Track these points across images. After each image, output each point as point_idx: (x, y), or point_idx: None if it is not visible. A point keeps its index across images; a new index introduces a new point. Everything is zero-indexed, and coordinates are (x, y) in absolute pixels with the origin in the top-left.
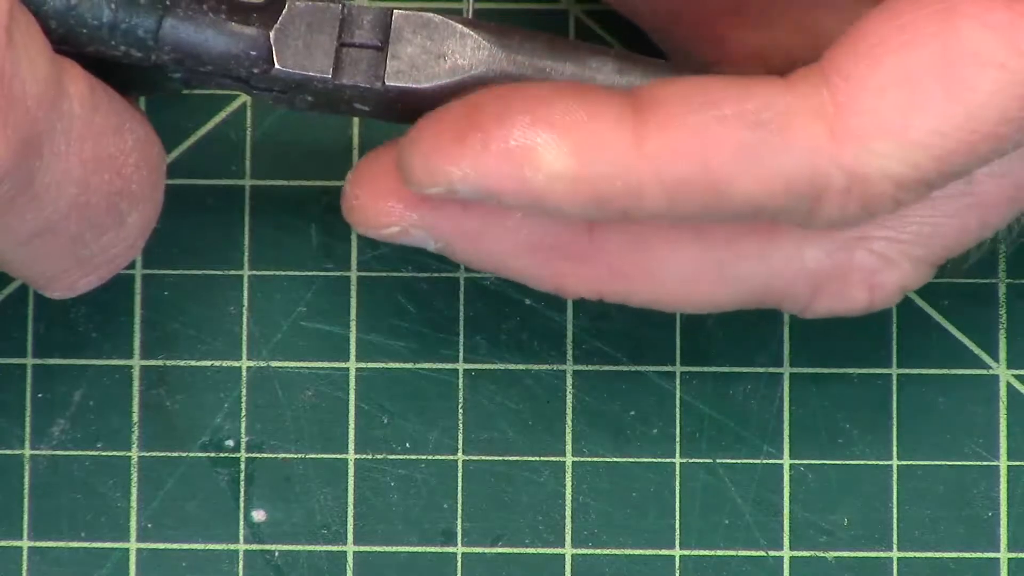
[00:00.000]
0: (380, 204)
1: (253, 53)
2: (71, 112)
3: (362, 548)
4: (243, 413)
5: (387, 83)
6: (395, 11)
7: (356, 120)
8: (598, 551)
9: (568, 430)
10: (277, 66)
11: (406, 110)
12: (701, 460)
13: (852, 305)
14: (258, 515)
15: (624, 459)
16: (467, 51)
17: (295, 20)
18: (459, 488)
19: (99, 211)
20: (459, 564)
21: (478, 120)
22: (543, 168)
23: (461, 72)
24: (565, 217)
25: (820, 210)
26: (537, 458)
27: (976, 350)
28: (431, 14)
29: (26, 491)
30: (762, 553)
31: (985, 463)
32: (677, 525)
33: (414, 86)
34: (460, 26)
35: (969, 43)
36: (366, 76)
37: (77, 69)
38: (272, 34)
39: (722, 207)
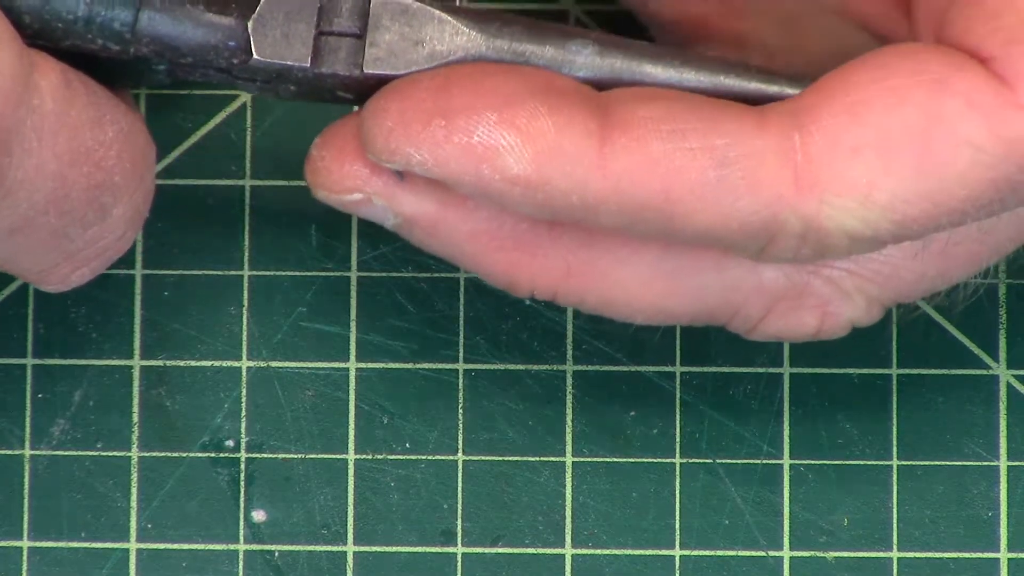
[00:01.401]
0: (344, 168)
1: (232, 43)
2: (42, 107)
3: (362, 548)
4: (243, 413)
5: (366, 70)
6: None
7: None
8: (598, 551)
9: (568, 430)
10: (255, 56)
11: None
12: (701, 460)
13: (801, 330)
14: (258, 515)
15: (624, 459)
16: (445, 37)
17: (273, 9)
18: (459, 488)
19: (79, 204)
20: (459, 564)
21: (445, 106)
22: (501, 171)
23: (440, 58)
24: (518, 212)
25: (772, 249)
26: (537, 458)
27: (976, 350)
28: (410, 1)
29: (26, 491)
30: (762, 553)
31: (985, 463)
32: (677, 525)
33: (393, 73)
34: (439, 12)
35: (952, 120)
36: (345, 64)
37: (50, 63)
38: (250, 24)
39: (675, 234)
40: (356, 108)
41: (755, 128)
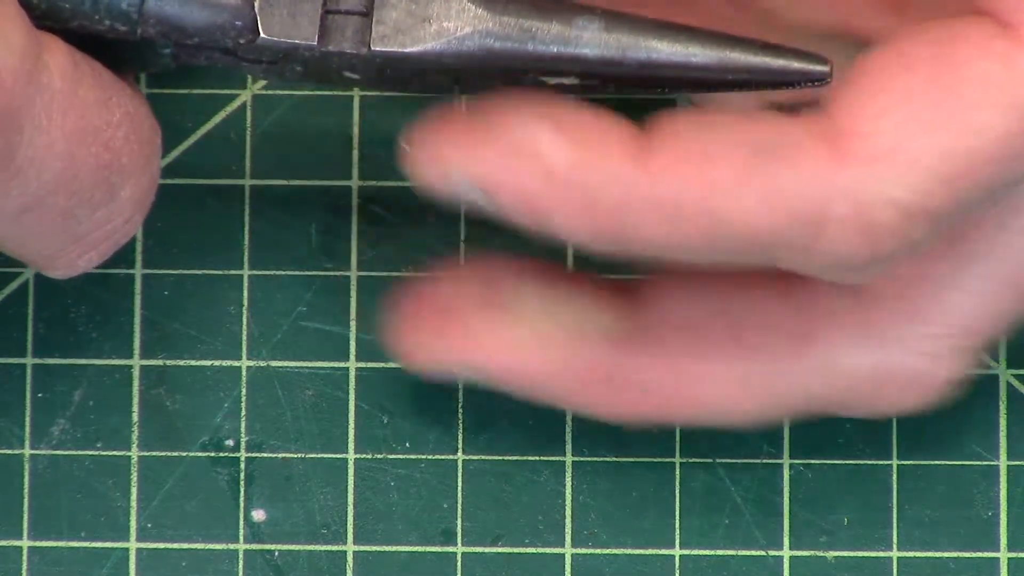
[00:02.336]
0: (425, 338)
1: (238, 23)
2: (51, 85)
3: (362, 548)
4: (243, 413)
5: (373, 48)
6: None
7: (356, 119)
8: (598, 551)
9: (568, 430)
10: (262, 35)
11: (395, 77)
12: (701, 460)
13: (906, 405)
14: (258, 515)
15: (624, 459)
16: (452, 13)
17: None
18: (459, 488)
19: (88, 185)
20: (459, 564)
21: (486, 115)
22: (540, 165)
23: (447, 34)
24: (558, 233)
25: (822, 243)
26: (537, 458)
27: None
28: None
29: (26, 491)
30: (762, 553)
31: (985, 463)
32: (677, 525)
33: (400, 50)
34: None
35: (969, 65)
36: (352, 42)
37: (58, 43)
38: (257, 3)
39: (720, 234)
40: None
41: (787, 118)
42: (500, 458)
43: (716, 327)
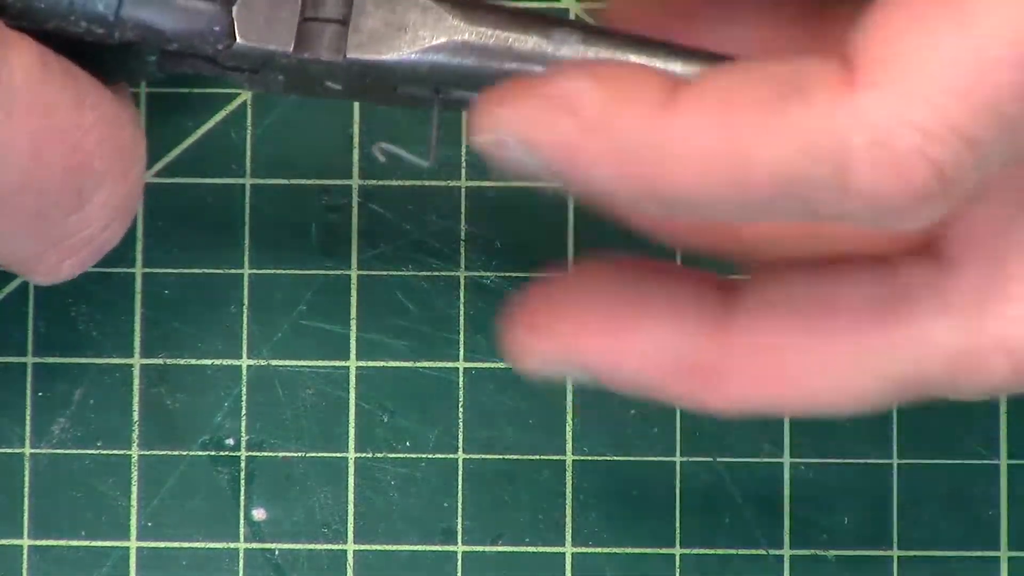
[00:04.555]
0: (536, 340)
1: (216, 29)
2: (12, 83)
3: (362, 547)
4: (243, 412)
5: (348, 56)
6: None
7: (356, 119)
8: (598, 550)
9: (568, 429)
10: (239, 40)
11: (376, 86)
12: (701, 459)
13: (995, 381)
14: (258, 514)
15: (624, 458)
16: (429, 23)
17: None
18: (459, 487)
19: (56, 186)
20: (459, 563)
21: (527, 80)
22: (575, 112)
23: (423, 43)
24: (601, 191)
25: (852, 180)
26: (537, 457)
27: None
28: None
29: (26, 490)
30: (762, 552)
31: (985, 462)
32: (677, 524)
33: (376, 58)
34: None
35: None
36: (328, 50)
37: (27, 42)
38: (234, 9)
39: (749, 180)
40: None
41: (809, 57)
42: (500, 458)
43: (815, 310)
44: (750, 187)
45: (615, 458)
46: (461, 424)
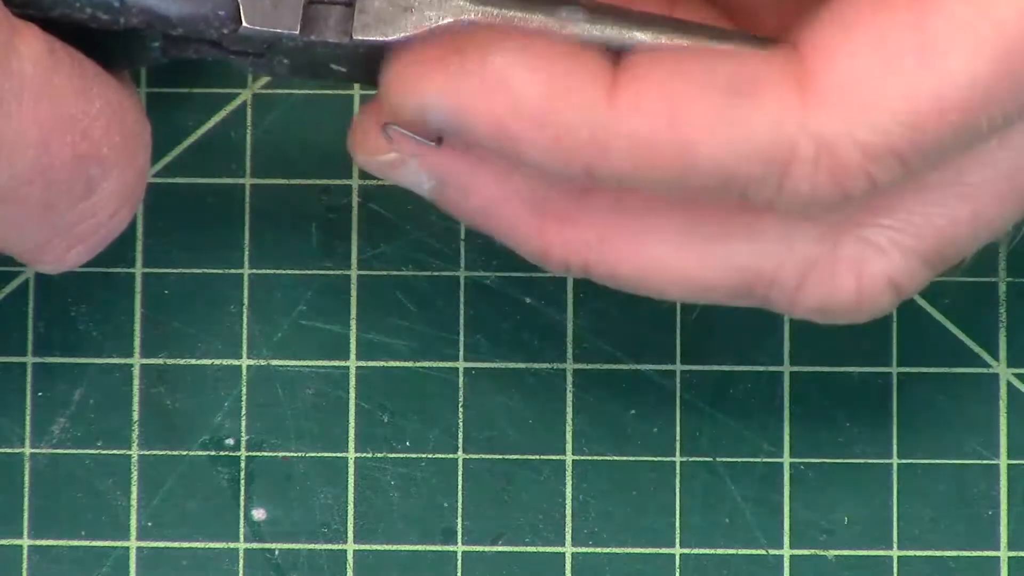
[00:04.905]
0: (380, 128)
1: (221, 13)
2: (22, 72)
3: (362, 547)
4: (243, 412)
5: (355, 37)
6: None
7: None
8: (598, 550)
9: (568, 429)
10: (244, 24)
11: (380, 68)
12: (701, 459)
13: (840, 296)
14: (258, 514)
15: (624, 458)
16: (435, 2)
17: None
18: (459, 487)
19: (65, 175)
20: (459, 563)
21: (461, 46)
22: (514, 104)
23: (428, 23)
24: (531, 165)
25: (789, 183)
26: (537, 457)
27: (976, 349)
28: None
29: (26, 490)
30: (762, 552)
31: (985, 462)
32: (677, 524)
33: (382, 39)
34: None
35: (944, 9)
36: (334, 32)
37: (33, 30)
38: None
39: (689, 173)
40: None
41: (758, 54)
42: (500, 457)
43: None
44: (688, 177)
45: (615, 458)
46: (461, 424)
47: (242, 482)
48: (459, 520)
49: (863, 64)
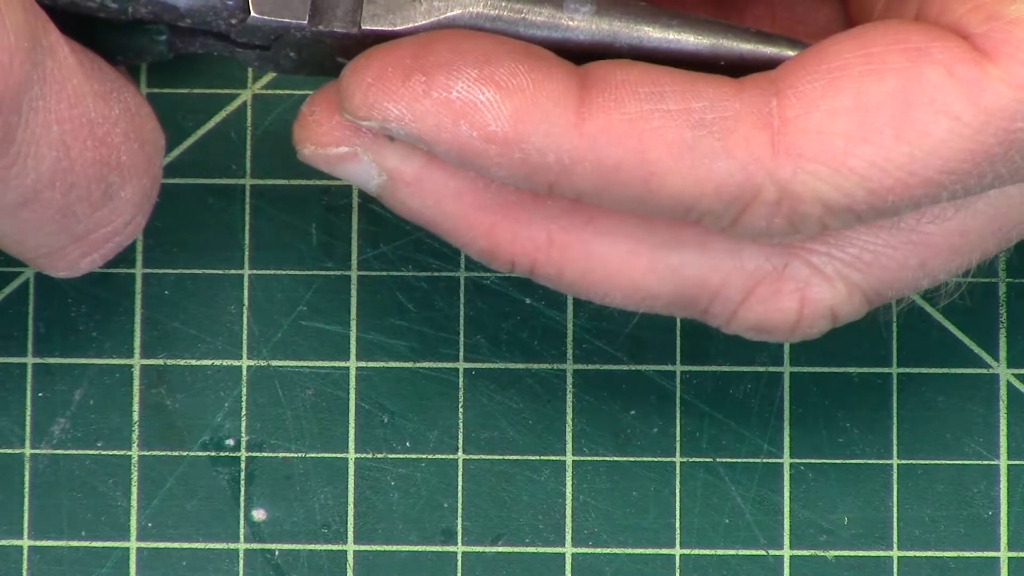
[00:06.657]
0: (333, 121)
1: (230, 2)
2: (46, 67)
3: (362, 547)
4: (243, 412)
5: (363, 27)
6: None
7: None
8: (598, 550)
9: (568, 429)
10: (253, 14)
11: None
12: (701, 459)
13: (780, 317)
14: (258, 514)
15: (624, 458)
16: None
17: None
18: (459, 487)
19: (85, 180)
20: (459, 563)
21: (425, 63)
22: (479, 127)
23: (437, 13)
24: (494, 178)
25: (746, 219)
26: (537, 457)
27: (976, 349)
28: None
29: (26, 490)
30: (762, 552)
31: (985, 462)
32: (677, 524)
33: (390, 29)
34: None
35: (931, 88)
36: (343, 22)
37: (56, 30)
38: None
39: (650, 201)
40: None
41: (733, 93)
42: (500, 457)
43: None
44: (649, 203)
45: (615, 458)
46: (461, 424)
47: (242, 482)
48: (459, 520)
49: (841, 125)
